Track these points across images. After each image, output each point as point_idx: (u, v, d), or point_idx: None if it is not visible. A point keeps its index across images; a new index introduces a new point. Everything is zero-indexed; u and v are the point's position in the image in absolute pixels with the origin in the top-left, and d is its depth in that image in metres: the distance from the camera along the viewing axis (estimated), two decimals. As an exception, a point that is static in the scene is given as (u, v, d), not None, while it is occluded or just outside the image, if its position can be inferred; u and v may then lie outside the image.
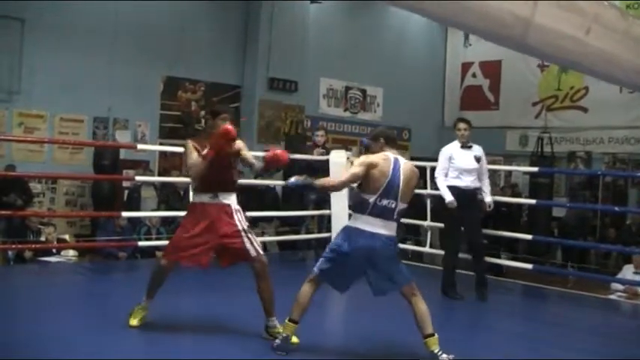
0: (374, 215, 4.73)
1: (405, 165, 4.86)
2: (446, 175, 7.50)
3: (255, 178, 5.52)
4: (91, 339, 4.93)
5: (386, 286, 4.83)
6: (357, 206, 4.81)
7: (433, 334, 4.67)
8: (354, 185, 4.91)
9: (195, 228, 5.16)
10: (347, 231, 4.85)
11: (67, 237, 10.77)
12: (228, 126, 5.03)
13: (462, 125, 7.53)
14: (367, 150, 5.09)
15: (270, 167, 5.42)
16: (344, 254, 4.77)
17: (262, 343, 5.02)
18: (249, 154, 5.44)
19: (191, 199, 5.37)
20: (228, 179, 5.30)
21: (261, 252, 5.22)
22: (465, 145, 7.51)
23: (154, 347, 4.98)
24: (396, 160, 4.84)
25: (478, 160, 7.46)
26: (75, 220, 11.95)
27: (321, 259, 4.94)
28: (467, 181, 7.43)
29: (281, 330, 4.94)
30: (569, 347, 5.71)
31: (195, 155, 5.15)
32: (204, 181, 5.17)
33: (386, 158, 4.81)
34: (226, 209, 5.22)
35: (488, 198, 7.57)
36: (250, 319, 5.33)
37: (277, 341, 4.81)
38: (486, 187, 7.62)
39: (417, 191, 6.08)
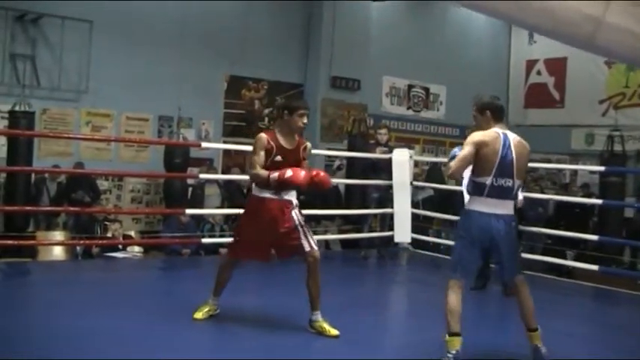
0: (492, 196, 4.63)
1: (515, 140, 4.71)
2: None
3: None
4: (152, 334, 5.00)
5: (513, 268, 4.79)
6: (474, 189, 4.69)
7: (537, 329, 4.70)
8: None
9: (256, 224, 5.22)
10: (466, 214, 4.75)
11: (132, 233, 10.96)
12: (300, 177, 5.01)
13: None
14: (475, 121, 4.89)
15: (313, 187, 5.37)
16: (467, 237, 4.69)
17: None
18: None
19: (252, 191, 5.35)
20: None
21: (315, 247, 5.23)
22: None
23: (217, 343, 5.05)
24: (505, 137, 4.67)
25: None
26: (140, 217, 12.16)
27: (453, 257, 4.85)
28: None
29: (324, 325, 5.10)
30: (628, 351, 5.58)
31: (262, 155, 5.16)
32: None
33: (495, 136, 4.64)
34: (287, 205, 5.25)
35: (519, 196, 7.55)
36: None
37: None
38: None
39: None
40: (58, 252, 9.45)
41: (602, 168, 11.17)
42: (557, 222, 11.74)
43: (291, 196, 5.31)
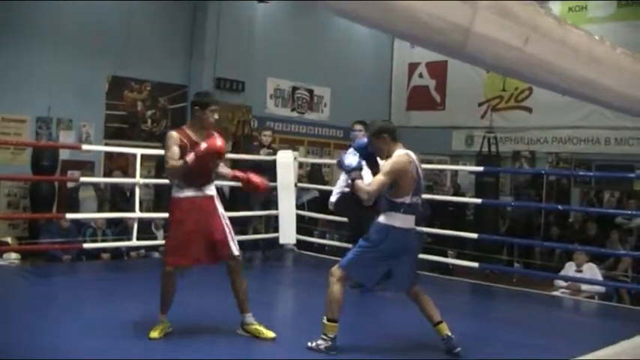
0: (407, 213, 4.93)
1: (418, 160, 5.04)
2: None
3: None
4: (31, 343, 4.84)
5: (410, 278, 5.09)
6: (391, 206, 4.92)
7: (442, 321, 5.03)
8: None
9: (188, 225, 5.10)
10: (384, 229, 4.93)
11: (9, 240, 10.56)
12: (217, 143, 4.98)
13: (357, 127, 7.68)
14: (371, 147, 5.14)
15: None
16: (379, 251, 4.91)
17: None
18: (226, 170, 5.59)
19: (173, 192, 5.24)
20: (209, 173, 5.29)
21: (239, 251, 5.28)
22: None
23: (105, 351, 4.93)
24: (414, 159, 4.98)
25: None
26: (17, 223, 11.72)
27: (350, 255, 5.05)
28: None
29: (260, 327, 5.18)
30: (511, 343, 5.77)
31: (176, 150, 5.05)
32: (186, 178, 5.12)
33: (410, 161, 4.93)
34: (211, 201, 5.24)
35: None
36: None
37: (321, 342, 4.90)
38: None
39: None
40: None
41: (480, 168, 11.53)
42: (432, 221, 12.01)
43: (213, 190, 5.29)
